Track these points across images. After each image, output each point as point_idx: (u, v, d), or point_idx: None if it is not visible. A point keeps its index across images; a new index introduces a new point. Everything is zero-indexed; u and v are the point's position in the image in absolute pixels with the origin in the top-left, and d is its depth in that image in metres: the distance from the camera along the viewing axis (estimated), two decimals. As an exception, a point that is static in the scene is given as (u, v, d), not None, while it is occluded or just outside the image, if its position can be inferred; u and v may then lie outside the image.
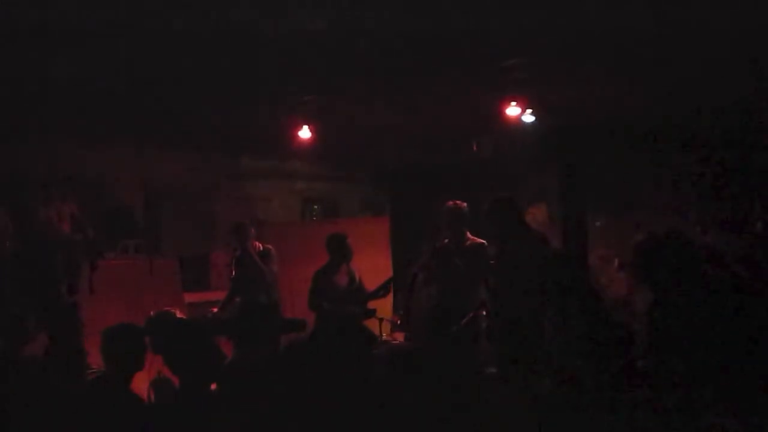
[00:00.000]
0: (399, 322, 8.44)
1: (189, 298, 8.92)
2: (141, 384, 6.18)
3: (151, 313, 7.21)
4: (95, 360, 5.55)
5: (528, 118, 7.97)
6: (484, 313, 6.42)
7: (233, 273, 8.34)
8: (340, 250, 7.81)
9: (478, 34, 5.93)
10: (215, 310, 8.13)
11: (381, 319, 7.81)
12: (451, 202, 6.98)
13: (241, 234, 8.17)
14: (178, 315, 7.26)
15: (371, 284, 7.94)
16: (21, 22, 5.21)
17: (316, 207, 12.60)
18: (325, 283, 7.69)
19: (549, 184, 10.28)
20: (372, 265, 8.53)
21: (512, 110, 7.73)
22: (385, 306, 8.29)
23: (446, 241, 6.99)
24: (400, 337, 7.81)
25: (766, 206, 8.05)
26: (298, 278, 8.48)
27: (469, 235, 6.94)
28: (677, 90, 7.71)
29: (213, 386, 4.44)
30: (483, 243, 6.81)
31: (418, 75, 6.99)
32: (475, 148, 10.19)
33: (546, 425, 4.24)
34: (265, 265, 8.16)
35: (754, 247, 7.47)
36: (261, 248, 8.28)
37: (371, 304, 7.85)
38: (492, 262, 6.22)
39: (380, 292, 7.82)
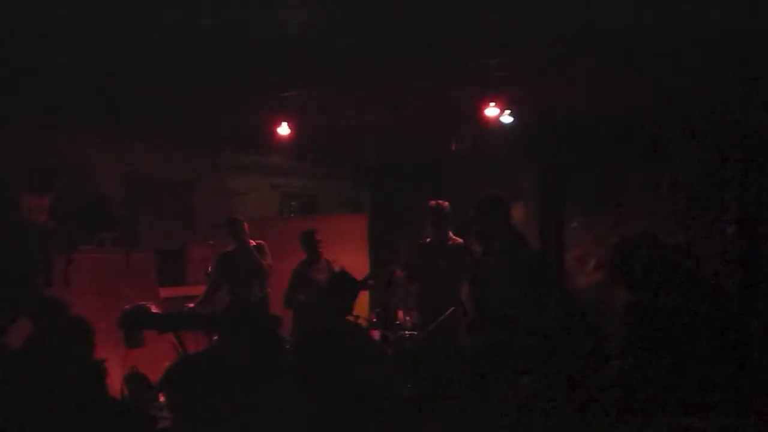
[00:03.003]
0: (375, 319, 8.45)
1: (164, 292, 8.85)
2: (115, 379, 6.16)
3: (126, 307, 7.16)
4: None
5: (506, 118, 8.01)
6: (462, 310, 6.45)
7: (210, 268, 8.28)
8: (307, 245, 7.82)
9: (457, 33, 5.95)
10: (191, 305, 8.08)
11: (357, 317, 7.80)
12: (433, 202, 6.98)
13: (237, 228, 8.08)
14: (153, 310, 7.22)
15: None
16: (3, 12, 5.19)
17: (294, 203, 12.57)
18: (300, 279, 7.68)
19: (527, 183, 10.33)
20: (349, 261, 8.50)
21: (491, 111, 7.77)
22: (361, 304, 8.28)
23: (429, 240, 7.00)
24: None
25: (740, 208, 8.12)
26: (274, 274, 8.45)
27: (451, 234, 6.96)
28: (656, 90, 7.77)
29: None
30: (464, 243, 6.83)
31: (398, 72, 6.99)
32: (453, 147, 10.21)
33: (524, 421, 4.28)
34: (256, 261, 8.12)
35: (726, 248, 7.55)
36: (253, 243, 8.23)
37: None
38: (476, 259, 6.22)
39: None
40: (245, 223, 8.16)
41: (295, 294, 7.66)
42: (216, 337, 6.31)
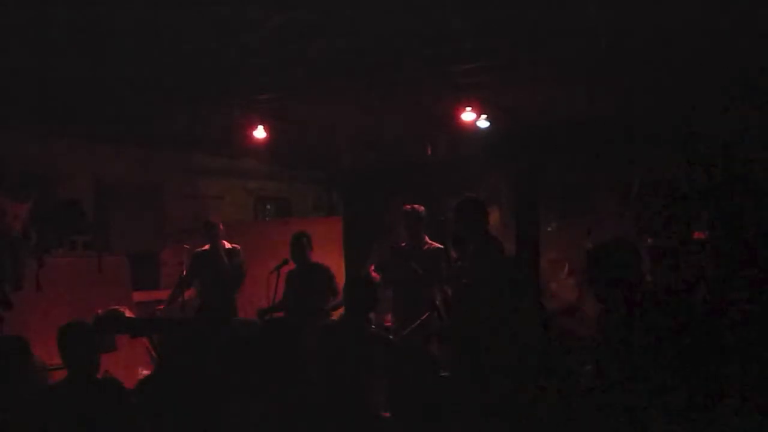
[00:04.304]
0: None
1: (138, 296, 8.79)
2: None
3: (99, 311, 7.10)
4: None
5: (483, 123, 8.05)
6: (437, 315, 6.45)
7: (185, 271, 8.24)
8: (291, 248, 7.81)
9: (434, 37, 5.97)
10: (161, 307, 8.03)
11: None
12: (408, 206, 6.98)
13: (212, 231, 8.10)
14: (127, 314, 7.17)
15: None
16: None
17: (269, 206, 12.54)
18: (290, 283, 7.66)
19: (502, 188, 10.37)
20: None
21: (467, 115, 7.80)
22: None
23: (404, 244, 7.01)
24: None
25: (713, 214, 8.19)
26: (249, 278, 8.42)
27: (426, 238, 6.96)
28: (628, 94, 7.83)
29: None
30: (440, 247, 6.83)
31: (374, 76, 7.00)
32: (429, 151, 10.24)
33: (496, 426, 4.30)
34: (231, 263, 8.11)
35: (698, 253, 7.61)
36: (229, 247, 8.23)
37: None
38: (452, 264, 6.23)
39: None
40: (220, 225, 8.16)
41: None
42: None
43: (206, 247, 8.17)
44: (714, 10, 5.43)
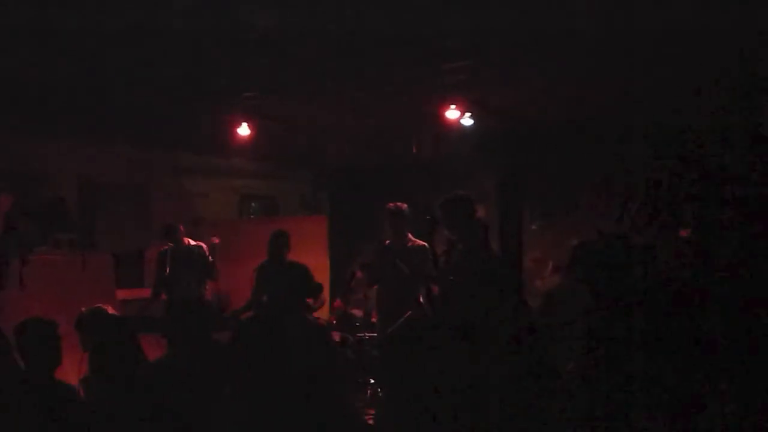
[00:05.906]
0: (335, 321, 8.45)
1: (122, 294, 8.76)
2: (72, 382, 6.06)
3: (83, 309, 7.06)
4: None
5: (467, 121, 8.07)
6: (422, 313, 6.44)
7: (167, 270, 8.24)
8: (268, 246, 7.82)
9: (421, 36, 5.98)
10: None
11: (316, 319, 7.77)
12: (392, 204, 6.98)
13: (172, 234, 8.17)
14: (110, 312, 7.12)
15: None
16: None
17: (254, 205, 12.52)
18: (267, 281, 7.65)
19: (487, 186, 10.40)
20: (309, 263, 8.48)
21: (451, 113, 7.82)
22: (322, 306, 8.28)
23: (388, 242, 7.01)
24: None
25: (695, 211, 8.20)
26: (235, 276, 8.40)
27: (410, 236, 6.96)
28: (615, 94, 7.86)
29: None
30: (424, 245, 6.83)
31: (360, 75, 7.01)
32: (414, 150, 10.25)
33: (481, 423, 4.30)
34: (197, 261, 8.15)
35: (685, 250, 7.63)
36: (194, 244, 8.26)
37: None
38: (436, 261, 6.22)
39: None
40: (181, 227, 8.27)
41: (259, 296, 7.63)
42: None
43: (169, 245, 8.26)
44: (707, 10, 5.47)
